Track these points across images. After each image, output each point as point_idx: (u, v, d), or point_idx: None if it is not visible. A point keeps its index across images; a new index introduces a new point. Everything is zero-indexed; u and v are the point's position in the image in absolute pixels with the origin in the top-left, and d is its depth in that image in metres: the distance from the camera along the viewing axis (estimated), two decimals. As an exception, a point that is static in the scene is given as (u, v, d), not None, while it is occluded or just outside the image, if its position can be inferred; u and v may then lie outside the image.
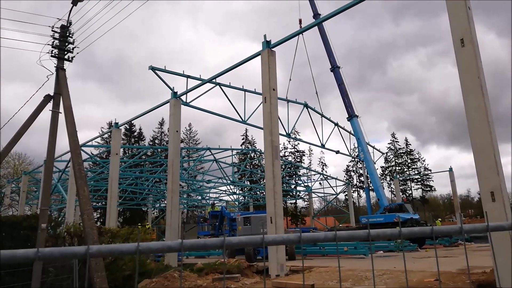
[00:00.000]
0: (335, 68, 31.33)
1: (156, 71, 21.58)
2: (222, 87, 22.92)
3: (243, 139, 76.93)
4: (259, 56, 16.82)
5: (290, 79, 27.61)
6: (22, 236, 10.58)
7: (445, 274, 11.66)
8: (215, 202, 58.22)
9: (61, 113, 11.57)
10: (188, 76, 22.18)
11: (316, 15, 30.18)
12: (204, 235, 31.57)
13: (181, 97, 21.89)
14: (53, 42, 12.41)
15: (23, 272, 9.25)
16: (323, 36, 31.04)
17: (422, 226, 27.43)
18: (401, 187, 67.33)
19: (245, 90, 24.36)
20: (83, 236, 11.06)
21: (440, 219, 48.52)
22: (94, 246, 1.48)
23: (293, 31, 17.27)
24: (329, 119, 32.15)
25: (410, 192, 75.00)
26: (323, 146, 30.56)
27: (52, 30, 12.48)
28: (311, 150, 75.11)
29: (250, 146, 71.87)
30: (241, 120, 23.95)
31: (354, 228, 33.94)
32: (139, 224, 40.30)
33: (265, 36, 16.42)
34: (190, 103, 22.38)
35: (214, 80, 22.07)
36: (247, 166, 56.45)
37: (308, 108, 29.70)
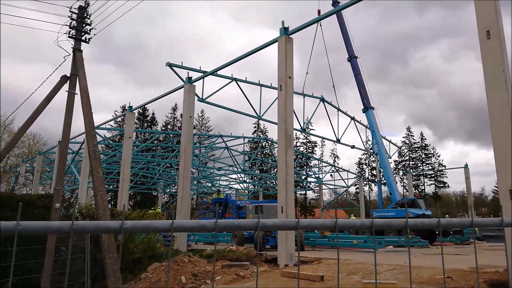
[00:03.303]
0: (352, 58, 30.83)
1: (173, 67, 21.32)
2: (238, 82, 22.73)
3: (255, 127, 76.84)
4: (276, 44, 16.57)
5: (307, 73, 27.30)
6: (36, 214, 10.72)
7: (456, 272, 11.46)
8: (225, 190, 58.58)
9: (77, 94, 11.60)
10: (204, 72, 21.66)
11: (335, 2, 29.60)
12: None
13: (198, 93, 21.66)
14: (70, 23, 12.40)
15: (37, 250, 9.39)
16: (342, 25, 30.50)
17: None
18: (414, 182, 66.59)
19: (261, 85, 24.13)
20: (95, 217, 11.16)
21: (447, 215, 47.84)
22: (128, 222, 1.41)
23: (311, 19, 16.91)
24: (345, 113, 31.76)
25: (423, 187, 74.20)
26: (338, 141, 30.21)
27: (70, 11, 12.46)
28: (323, 142, 74.71)
29: (262, 135, 71.77)
30: (256, 115, 23.82)
31: (364, 221, 33.73)
32: (152, 208, 40.76)
33: (283, 22, 16.10)
34: (206, 99, 22.16)
35: (230, 75, 22.07)
36: (258, 155, 56.46)
37: (325, 102, 29.39)
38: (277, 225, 1.52)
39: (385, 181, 35.22)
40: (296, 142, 70.55)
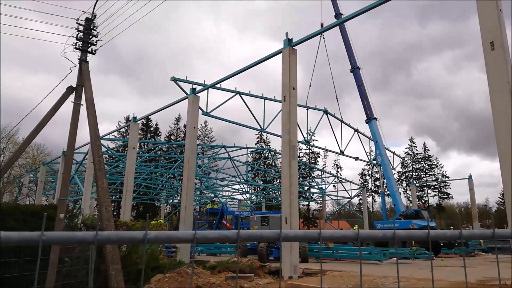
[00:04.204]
0: (355, 69, 30.94)
1: (178, 81, 21.46)
2: (242, 95, 22.88)
3: (257, 138, 76.87)
4: (279, 55, 16.68)
5: (310, 85, 27.44)
6: (40, 225, 10.66)
7: (463, 284, 11.29)
8: (227, 200, 58.32)
9: (82, 105, 11.66)
10: (210, 86, 21.71)
11: (337, 14, 29.85)
12: None
13: (202, 107, 21.75)
14: (77, 34, 12.54)
15: (41, 261, 9.32)
16: (344, 36, 30.70)
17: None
18: (417, 194, 66.17)
19: (265, 98, 24.30)
20: (100, 228, 11.11)
21: (452, 227, 47.29)
22: (151, 232, 1.40)
23: (313, 31, 17.04)
24: (349, 125, 31.80)
25: (427, 198, 73.66)
26: (342, 153, 30.21)
27: (77, 23, 12.61)
28: (326, 152, 74.54)
29: (264, 146, 71.77)
30: (260, 128, 23.90)
31: (368, 232, 33.43)
32: (154, 218, 40.61)
33: (287, 34, 16.24)
34: (211, 113, 22.26)
35: (234, 87, 22.37)
36: (261, 166, 56.36)
37: (328, 115, 29.47)
38: (299, 236, 1.51)
39: (388, 192, 35.03)
40: (299, 153, 70.45)
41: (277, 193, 62.46)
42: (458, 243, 28.92)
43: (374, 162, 35.88)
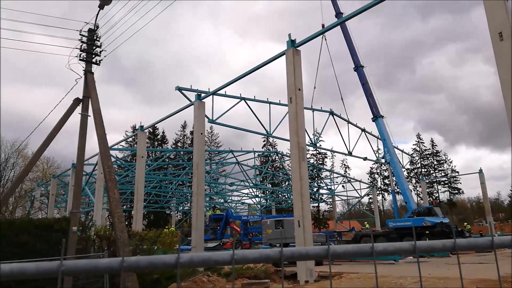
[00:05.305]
0: (358, 68, 30.73)
1: (183, 90, 21.44)
2: (247, 101, 22.81)
3: (264, 141, 76.74)
4: (283, 57, 16.57)
5: (314, 87, 27.30)
6: (54, 238, 10.67)
7: (485, 282, 11.02)
8: (237, 205, 58.16)
9: (90, 116, 11.65)
10: (214, 93, 21.57)
11: (338, 14, 29.72)
12: (204, 240, 31.36)
13: (207, 114, 21.67)
14: (81, 46, 12.57)
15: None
16: (346, 35, 30.54)
17: (453, 230, 26.34)
18: (427, 190, 65.51)
19: (270, 102, 24.18)
20: (112, 239, 11.06)
21: (465, 223, 46.57)
22: (184, 255, 1.29)
23: (315, 32, 16.91)
24: (355, 125, 31.56)
25: (437, 195, 72.87)
26: (350, 154, 29.97)
27: (80, 34, 12.64)
28: (333, 153, 74.10)
29: (271, 148, 71.60)
30: (266, 132, 23.78)
31: (380, 232, 33.09)
32: (166, 227, 40.60)
33: (289, 35, 16.13)
34: (216, 120, 22.18)
35: (238, 92, 22.32)
36: (269, 169, 56.17)
37: (334, 116, 29.29)
38: (349, 251, 1.39)
39: (399, 190, 34.65)
40: (306, 154, 70.03)
41: (286, 196, 62.22)
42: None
43: (383, 160, 35.54)
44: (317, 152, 72.25)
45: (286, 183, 58.20)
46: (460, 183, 73.05)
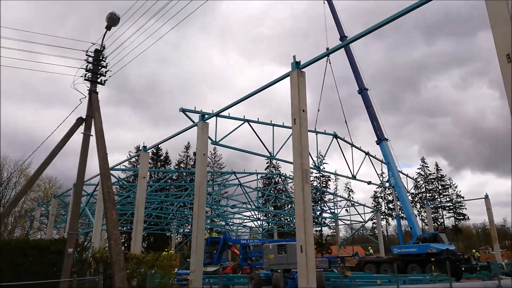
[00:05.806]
0: (363, 91, 30.83)
1: (187, 112, 21.50)
2: (250, 123, 22.84)
3: (267, 163, 76.47)
4: (287, 78, 16.61)
5: (318, 110, 27.38)
6: (50, 260, 10.40)
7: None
8: (239, 228, 57.35)
9: (92, 135, 11.59)
10: (217, 114, 21.62)
11: (342, 37, 30.11)
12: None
13: (210, 136, 21.62)
14: (87, 66, 12.66)
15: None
16: (350, 58, 30.81)
17: (459, 257, 25.65)
18: (432, 215, 64.55)
19: (273, 125, 24.21)
20: (109, 261, 10.76)
21: (474, 250, 45.54)
22: None
23: (320, 53, 17.01)
24: (359, 149, 31.43)
25: (442, 220, 71.71)
26: (354, 177, 29.72)
27: (86, 54, 12.76)
28: (337, 176, 73.60)
29: (274, 171, 71.21)
30: (269, 155, 23.67)
31: (384, 258, 32.33)
32: (165, 249, 39.94)
33: (294, 57, 16.21)
34: (220, 141, 22.14)
35: (242, 114, 22.32)
36: (272, 191, 55.74)
37: (338, 139, 29.23)
38: None
39: (403, 214, 34.07)
40: (310, 177, 69.50)
41: (288, 219, 61.39)
42: (480, 267, 27.69)
43: (387, 184, 35.11)
44: (321, 175, 71.82)
45: (289, 206, 57.56)
46: (466, 208, 71.99)
